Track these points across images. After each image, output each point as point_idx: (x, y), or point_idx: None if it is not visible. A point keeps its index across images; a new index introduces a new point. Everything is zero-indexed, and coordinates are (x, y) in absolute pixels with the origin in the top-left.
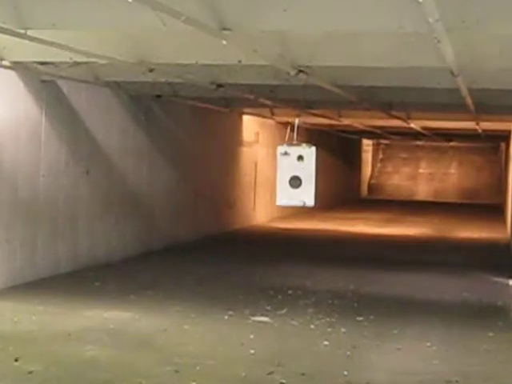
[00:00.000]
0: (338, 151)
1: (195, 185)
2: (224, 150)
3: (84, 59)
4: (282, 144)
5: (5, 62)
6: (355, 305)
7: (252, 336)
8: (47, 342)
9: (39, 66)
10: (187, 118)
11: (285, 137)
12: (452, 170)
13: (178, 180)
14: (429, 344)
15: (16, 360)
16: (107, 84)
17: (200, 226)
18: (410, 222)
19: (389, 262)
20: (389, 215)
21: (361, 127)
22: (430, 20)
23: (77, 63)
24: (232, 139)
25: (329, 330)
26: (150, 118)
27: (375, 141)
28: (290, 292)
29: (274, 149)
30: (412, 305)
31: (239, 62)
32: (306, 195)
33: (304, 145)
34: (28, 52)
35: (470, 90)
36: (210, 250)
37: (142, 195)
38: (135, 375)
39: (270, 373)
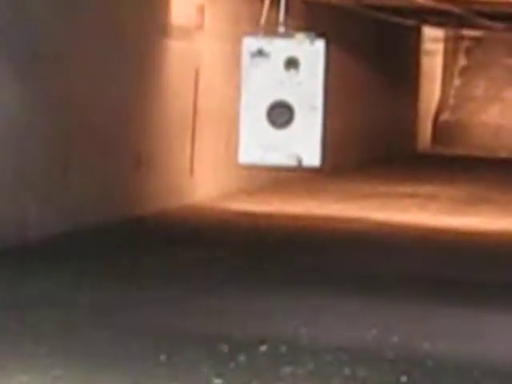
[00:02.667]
0: (371, 52)
1: (65, 118)
2: (129, 42)
3: None
4: (252, 33)
5: None
6: (402, 378)
7: None
8: None
9: None
10: None
11: (259, 18)
12: None
13: (27, 105)
14: None
15: None
16: None
17: (76, 206)
18: None
19: (473, 288)
20: (476, 190)
21: (420, 1)
22: None
23: None
24: (147, 20)
25: None
26: None
27: (451, 31)
28: (263, 349)
29: (237, 43)
30: None
31: None
32: (304, 144)
33: (300, 36)
34: None
35: None
36: (93, 255)
37: None
38: None
39: None
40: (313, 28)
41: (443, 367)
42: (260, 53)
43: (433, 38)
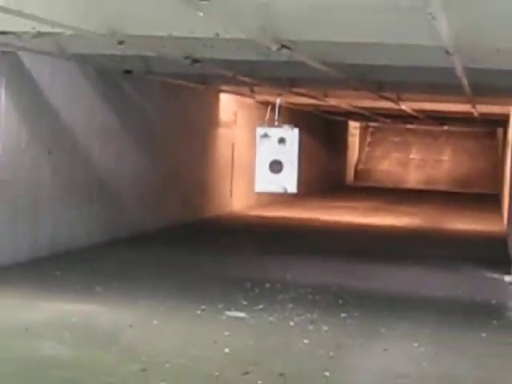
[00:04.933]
0: (322, 134)
1: (166, 168)
2: (199, 130)
3: (48, 29)
4: (261, 125)
5: None
6: (339, 301)
7: (226, 333)
8: (3, 337)
9: None
10: (160, 96)
11: (265, 117)
12: (445, 157)
13: (148, 162)
14: (417, 344)
15: None
16: (73, 57)
17: (170, 212)
18: (400, 211)
19: (376, 254)
20: (376, 204)
21: (348, 108)
22: None
23: (40, 34)
24: (208, 119)
25: (310, 327)
26: (119, 95)
27: (363, 123)
28: (267, 285)
29: (254, 130)
30: (400, 301)
31: (217, 35)
32: (288, 181)
33: (286, 126)
34: None
35: (467, 70)
36: (181, 238)
37: (109, 178)
38: (99, 374)
39: (246, 373)
40: (292, 122)
41: (364, 295)
42: (265, 135)
43: (354, 126)
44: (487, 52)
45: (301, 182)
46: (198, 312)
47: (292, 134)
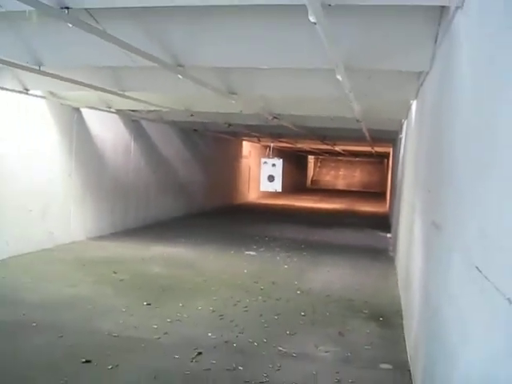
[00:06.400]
0: (294, 162)
1: (215, 179)
2: (231, 160)
3: (155, 108)
4: (263, 157)
5: (112, 109)
6: (302, 246)
7: (245, 263)
8: (131, 263)
9: (130, 112)
10: (212, 143)
11: (265, 153)
12: (356, 174)
13: (205, 176)
14: (343, 269)
15: (114, 272)
16: (168, 122)
17: (217, 200)
18: (334, 201)
19: (322, 223)
20: (322, 197)
21: (307, 149)
22: (346, 91)
23: (150, 111)
24: (236, 154)
25: (287, 259)
26: (191, 142)
27: (315, 157)
28: (266, 239)
29: (259, 160)
30: (335, 247)
31: (240, 111)
32: (277, 185)
33: (276, 158)
34: (125, 103)
35: (369, 130)
36: (222, 214)
37: (186, 184)
38: (182, 282)
39: (255, 282)
40: (279, 156)
41: (316, 243)
42: (265, 162)
43: (311, 158)
44: (381, 120)
45: (284, 186)
46: (232, 252)
47: (279, 162)
